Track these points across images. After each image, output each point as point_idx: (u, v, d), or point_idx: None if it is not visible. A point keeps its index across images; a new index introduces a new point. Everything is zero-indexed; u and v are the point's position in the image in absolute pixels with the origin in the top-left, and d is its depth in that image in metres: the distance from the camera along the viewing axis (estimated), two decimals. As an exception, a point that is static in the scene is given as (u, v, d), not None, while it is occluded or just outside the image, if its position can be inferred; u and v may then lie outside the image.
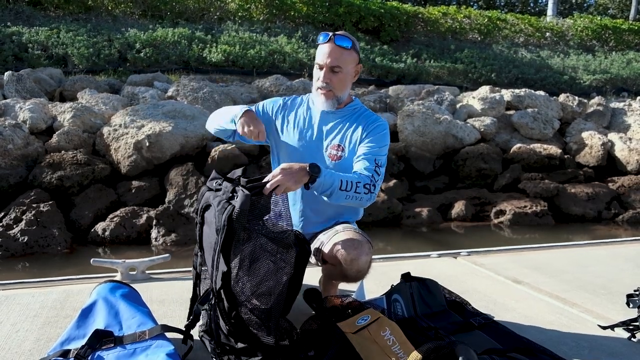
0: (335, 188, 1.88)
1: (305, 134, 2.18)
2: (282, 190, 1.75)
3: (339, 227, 2.09)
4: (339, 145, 2.12)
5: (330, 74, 2.08)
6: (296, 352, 1.70)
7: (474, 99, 9.37)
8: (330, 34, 2.08)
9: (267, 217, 1.73)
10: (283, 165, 1.82)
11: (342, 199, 1.92)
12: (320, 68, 2.10)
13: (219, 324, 1.77)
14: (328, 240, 2.04)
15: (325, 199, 1.94)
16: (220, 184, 1.83)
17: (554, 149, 8.44)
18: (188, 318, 1.94)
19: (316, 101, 2.17)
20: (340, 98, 2.15)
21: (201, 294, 1.94)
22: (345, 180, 1.90)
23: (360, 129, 2.11)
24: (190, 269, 2.47)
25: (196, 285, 2.01)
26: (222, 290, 1.71)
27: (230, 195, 1.76)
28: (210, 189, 1.88)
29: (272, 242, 1.72)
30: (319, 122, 2.17)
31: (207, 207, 1.85)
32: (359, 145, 2.09)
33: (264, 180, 1.77)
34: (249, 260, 1.69)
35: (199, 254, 1.94)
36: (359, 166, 2.02)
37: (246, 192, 1.71)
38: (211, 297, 1.79)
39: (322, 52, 2.08)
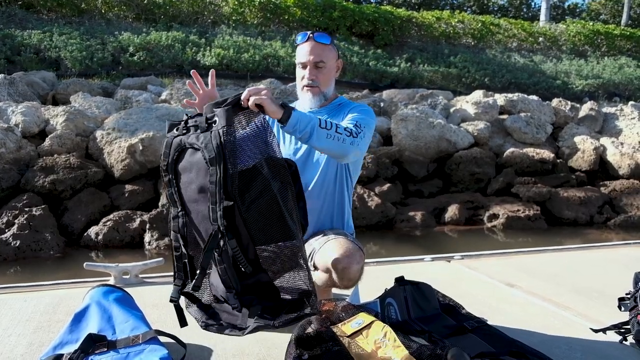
0: (314, 125, 1.81)
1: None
2: (258, 101, 1.70)
3: (330, 234, 2.08)
4: None
5: (315, 70, 2.11)
6: (289, 355, 1.70)
7: (467, 104, 9.41)
8: (309, 32, 2.12)
9: (252, 135, 1.70)
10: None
11: (323, 138, 1.83)
12: (304, 66, 2.13)
13: (231, 272, 1.70)
14: (320, 247, 2.03)
15: (305, 143, 1.87)
16: (194, 122, 1.73)
17: (547, 154, 8.48)
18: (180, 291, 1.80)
19: (303, 100, 2.18)
20: (326, 94, 2.17)
21: (197, 261, 1.78)
22: (324, 119, 1.86)
23: (343, 113, 2.13)
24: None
25: (182, 256, 1.82)
26: (237, 226, 1.65)
27: (207, 125, 1.69)
28: (179, 135, 1.75)
29: (266, 165, 1.68)
30: None
31: (182, 153, 1.73)
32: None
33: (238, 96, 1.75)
34: (255, 188, 1.66)
35: (181, 213, 1.78)
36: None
37: (225, 107, 1.67)
38: (220, 238, 1.66)
39: (304, 51, 2.11)
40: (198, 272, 1.70)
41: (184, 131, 1.75)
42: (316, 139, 1.83)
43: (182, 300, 1.82)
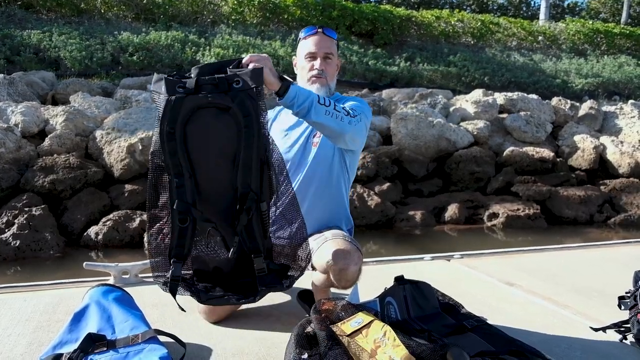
0: (313, 100, 1.81)
1: (292, 131, 2.20)
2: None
3: (328, 234, 2.08)
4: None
5: (324, 62, 2.14)
6: (289, 355, 1.70)
7: (467, 103, 9.41)
8: (316, 27, 2.16)
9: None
10: None
11: (322, 113, 1.82)
12: (313, 57, 2.15)
13: (257, 234, 1.70)
14: (317, 247, 2.03)
15: (302, 118, 1.87)
16: (212, 80, 1.61)
17: (547, 152, 8.48)
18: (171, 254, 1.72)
19: None
20: (331, 87, 2.18)
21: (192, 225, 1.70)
22: (322, 96, 1.87)
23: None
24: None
25: (185, 223, 1.69)
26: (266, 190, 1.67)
27: (228, 85, 1.61)
28: (190, 93, 1.61)
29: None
30: None
31: (195, 112, 1.61)
32: None
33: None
34: (269, 152, 1.68)
35: (189, 181, 1.65)
36: None
37: (254, 69, 1.63)
38: (255, 200, 1.63)
39: (313, 43, 2.14)
40: (236, 238, 1.67)
41: (212, 81, 1.62)
42: (314, 114, 1.82)
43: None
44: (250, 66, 1.70)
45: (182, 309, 1.79)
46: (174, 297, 1.71)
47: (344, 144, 2.02)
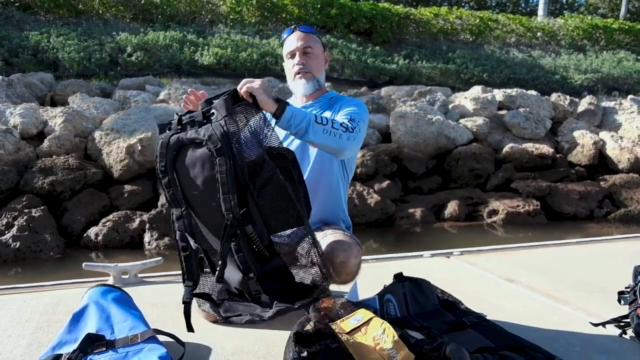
0: (310, 120, 1.82)
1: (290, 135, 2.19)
2: (250, 89, 1.74)
3: (327, 231, 2.09)
4: None
5: (304, 57, 2.15)
6: (288, 353, 1.69)
7: (466, 100, 9.40)
8: (293, 26, 2.19)
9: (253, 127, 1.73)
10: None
11: (319, 133, 1.83)
12: (292, 55, 2.16)
13: (248, 259, 1.74)
14: None
15: (300, 139, 1.88)
16: (190, 118, 1.74)
17: (546, 149, 8.48)
18: (189, 279, 1.83)
19: (297, 88, 2.18)
20: (319, 80, 2.18)
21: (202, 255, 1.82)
22: (319, 115, 1.88)
23: (336, 108, 2.14)
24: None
25: (197, 255, 1.83)
26: (249, 215, 1.69)
27: (205, 118, 1.71)
28: (174, 133, 1.76)
29: (267, 155, 1.72)
30: None
31: (180, 150, 1.73)
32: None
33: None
34: (262, 175, 1.70)
35: (185, 212, 1.81)
36: None
37: (223, 97, 1.71)
38: (237, 225, 1.70)
39: (291, 42, 2.16)
40: (220, 263, 1.72)
41: (179, 128, 1.75)
42: (312, 135, 1.82)
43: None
44: (244, 88, 1.75)
45: (192, 329, 1.82)
46: (187, 320, 1.77)
47: (342, 157, 2.05)
